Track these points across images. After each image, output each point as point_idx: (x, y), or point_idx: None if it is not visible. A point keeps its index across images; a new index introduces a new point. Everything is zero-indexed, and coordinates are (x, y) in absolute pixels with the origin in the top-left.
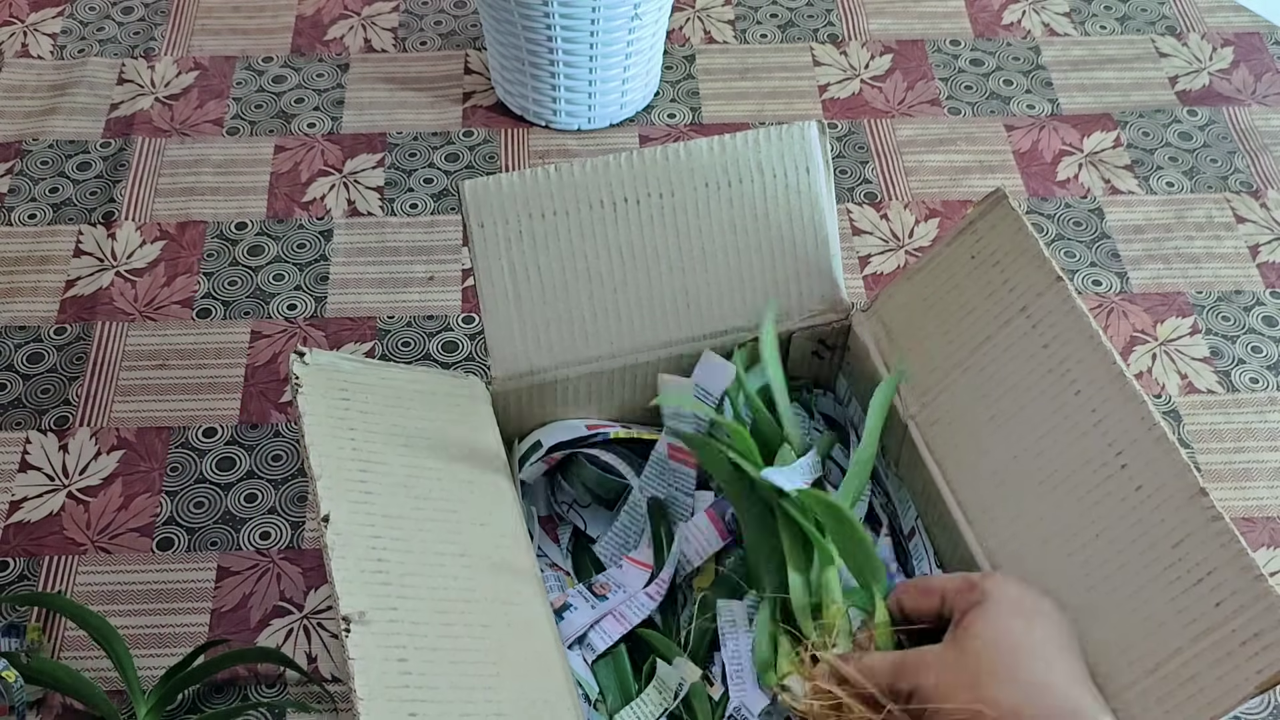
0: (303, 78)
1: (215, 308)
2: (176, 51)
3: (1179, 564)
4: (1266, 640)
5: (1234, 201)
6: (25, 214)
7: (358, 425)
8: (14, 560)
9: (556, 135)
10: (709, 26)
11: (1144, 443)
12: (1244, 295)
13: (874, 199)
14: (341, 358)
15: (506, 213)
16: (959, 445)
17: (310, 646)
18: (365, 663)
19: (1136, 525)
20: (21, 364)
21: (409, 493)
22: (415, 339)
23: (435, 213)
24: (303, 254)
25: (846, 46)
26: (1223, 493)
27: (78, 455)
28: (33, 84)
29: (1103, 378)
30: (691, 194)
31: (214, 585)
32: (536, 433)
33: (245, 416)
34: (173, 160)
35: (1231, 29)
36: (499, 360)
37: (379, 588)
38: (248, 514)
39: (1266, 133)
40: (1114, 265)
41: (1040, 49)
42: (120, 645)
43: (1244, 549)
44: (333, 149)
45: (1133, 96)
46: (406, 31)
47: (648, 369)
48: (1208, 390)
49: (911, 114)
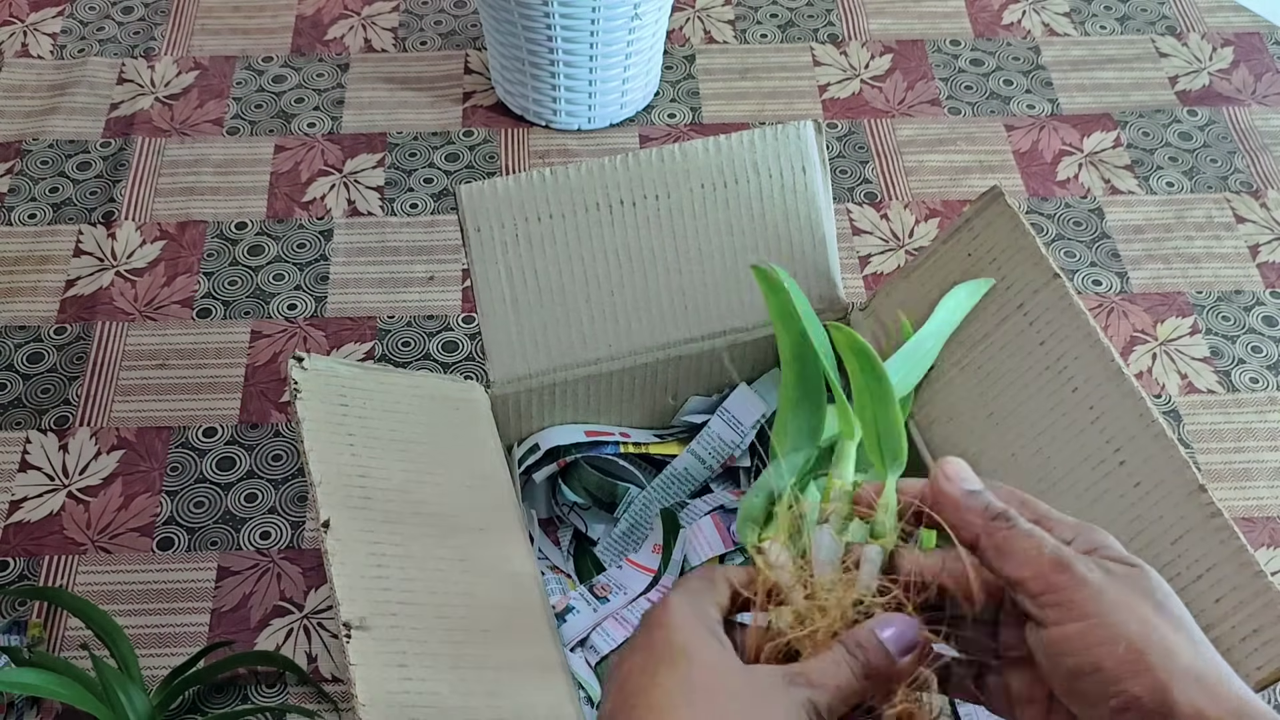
0: (303, 77)
1: (215, 307)
2: (176, 51)
3: (1178, 560)
4: (1266, 636)
5: (1234, 201)
6: (25, 214)
7: (357, 431)
8: (14, 560)
9: (556, 135)
10: (709, 26)
11: (1142, 439)
12: (1244, 295)
13: (874, 199)
14: (340, 363)
15: (503, 216)
16: (958, 444)
17: (310, 646)
18: (366, 669)
19: (1135, 522)
20: (21, 364)
21: (408, 498)
22: (415, 339)
23: (435, 213)
24: (303, 254)
25: (846, 46)
26: (1223, 493)
27: (78, 455)
28: (33, 84)
29: (1100, 374)
30: (688, 195)
31: (214, 585)
32: (534, 436)
33: (245, 416)
34: (173, 160)
35: (1231, 29)
36: (497, 364)
37: (379, 593)
38: (248, 514)
39: (1266, 133)
40: (1114, 265)
41: (1040, 49)
42: (125, 643)
43: (1243, 545)
44: (333, 149)
45: (1133, 96)
46: (406, 31)
47: (646, 371)
48: (1208, 390)
49: (911, 114)
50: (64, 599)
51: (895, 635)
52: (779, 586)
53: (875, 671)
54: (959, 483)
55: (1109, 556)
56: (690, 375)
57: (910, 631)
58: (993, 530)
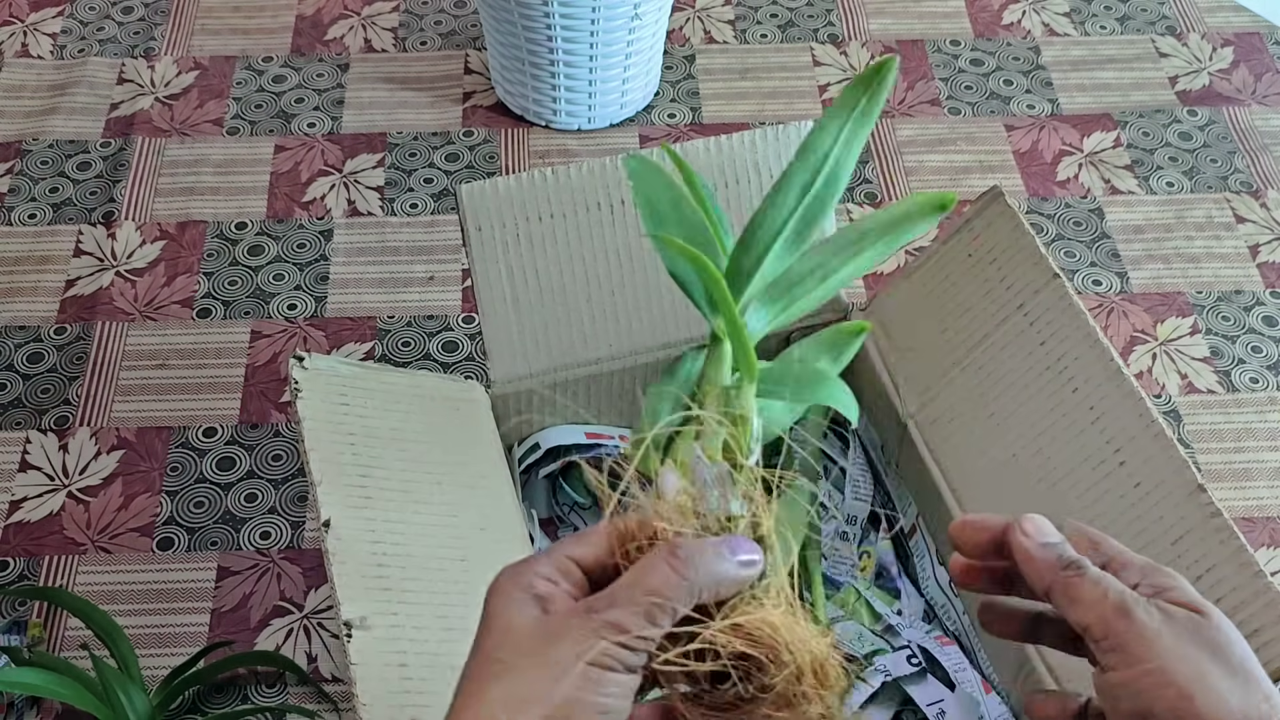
0: (303, 77)
1: (215, 307)
2: (176, 51)
3: (1178, 560)
4: (1266, 636)
5: (1234, 201)
6: (25, 214)
7: (357, 430)
8: (14, 560)
9: (556, 135)
10: (709, 26)
11: (1142, 439)
12: (1244, 295)
13: (874, 199)
14: (340, 362)
15: (504, 216)
16: (958, 444)
17: (310, 646)
18: (366, 668)
19: (1135, 522)
20: (21, 364)
21: (409, 497)
22: (415, 339)
23: (435, 212)
24: (303, 254)
25: (846, 47)
26: (1223, 493)
27: (78, 455)
28: (33, 84)
29: (1100, 375)
30: None
31: (214, 585)
32: (534, 436)
33: (245, 416)
34: (173, 160)
35: (1231, 29)
36: (498, 364)
37: (380, 593)
38: (248, 514)
39: (1266, 133)
40: (1114, 265)
41: (1040, 49)
42: (125, 643)
43: (1243, 545)
44: (333, 149)
45: (1133, 96)
46: (406, 31)
47: (647, 370)
48: (1208, 390)
49: (912, 114)
50: (64, 599)
51: (733, 544)
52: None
53: (703, 580)
54: (1037, 537)
55: (1176, 600)
56: None
57: (751, 549)
58: (1063, 579)
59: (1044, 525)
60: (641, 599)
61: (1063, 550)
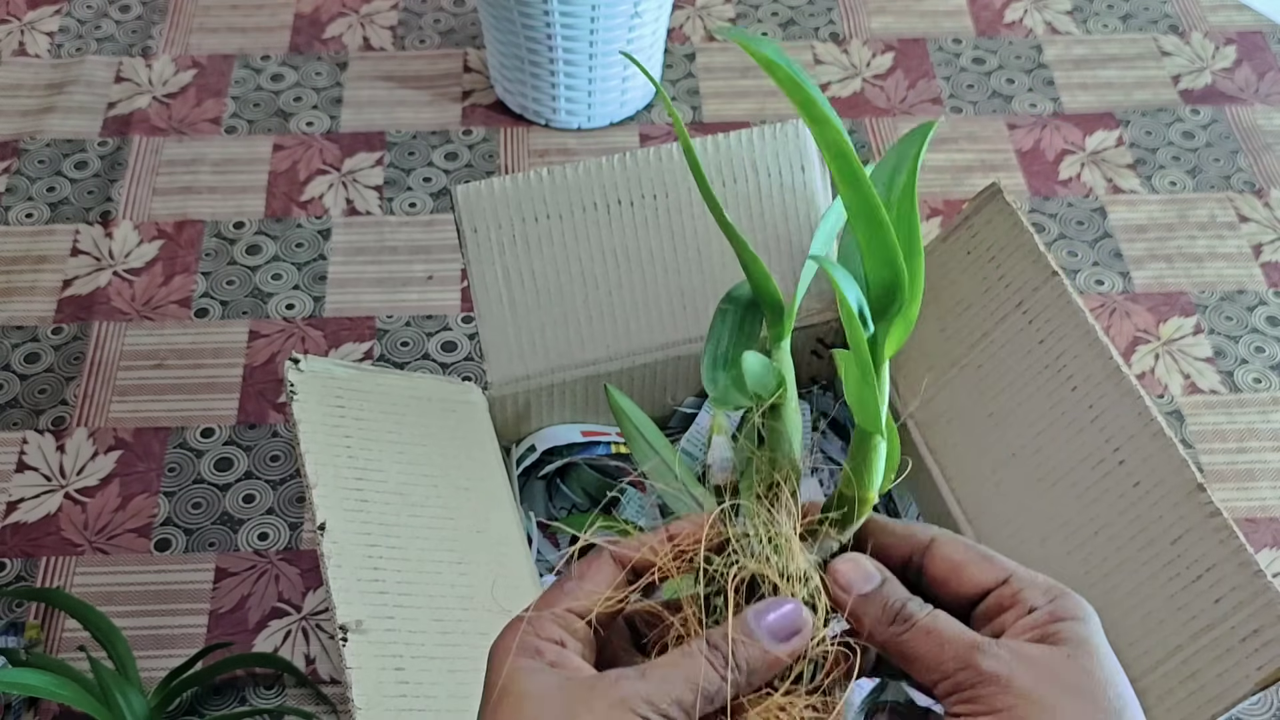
0: (301, 76)
1: (213, 307)
2: (174, 50)
3: (1178, 560)
4: (1266, 637)
5: (1237, 201)
6: (22, 213)
7: (353, 432)
8: (10, 561)
9: (556, 134)
10: (709, 25)
11: (1141, 438)
12: (1247, 295)
13: None
14: (336, 364)
15: (500, 217)
16: (957, 443)
17: (309, 648)
18: (362, 672)
19: (1135, 522)
20: (18, 364)
21: (405, 500)
22: (414, 339)
23: (434, 212)
24: (301, 253)
25: (848, 45)
26: (1226, 493)
27: (75, 455)
28: (30, 82)
29: (1099, 373)
30: (685, 195)
31: (212, 586)
32: (531, 437)
33: (243, 416)
34: (170, 159)
35: (1234, 28)
36: (495, 365)
37: (376, 596)
38: (246, 515)
39: (1269, 131)
40: (1116, 265)
41: (1042, 47)
42: (122, 644)
43: (1243, 545)
44: (331, 148)
45: (1135, 95)
46: (405, 29)
47: (645, 371)
48: (1211, 390)
49: (913, 113)
50: (61, 600)
51: (775, 622)
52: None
53: (750, 665)
54: (853, 590)
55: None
56: (688, 376)
57: (794, 614)
58: (892, 637)
59: (859, 569)
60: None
61: (887, 596)
